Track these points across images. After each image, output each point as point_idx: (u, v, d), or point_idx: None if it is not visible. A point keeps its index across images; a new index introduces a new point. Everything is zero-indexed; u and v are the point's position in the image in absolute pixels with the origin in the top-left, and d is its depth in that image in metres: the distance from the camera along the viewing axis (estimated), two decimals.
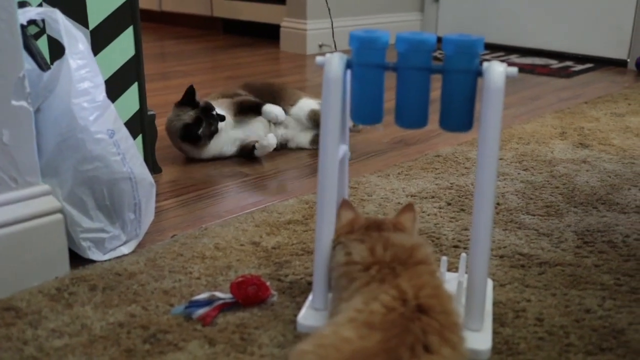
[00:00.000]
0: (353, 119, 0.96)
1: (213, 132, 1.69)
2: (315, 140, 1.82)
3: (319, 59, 0.93)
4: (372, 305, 0.75)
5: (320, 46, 3.38)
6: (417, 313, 0.73)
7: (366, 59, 0.91)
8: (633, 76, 2.99)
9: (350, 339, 0.70)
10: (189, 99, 1.69)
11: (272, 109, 1.77)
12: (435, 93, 0.89)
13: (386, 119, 0.96)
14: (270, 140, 1.72)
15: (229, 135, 1.74)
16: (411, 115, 0.92)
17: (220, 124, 1.70)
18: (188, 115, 1.67)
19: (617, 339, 0.95)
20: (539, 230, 1.31)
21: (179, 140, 1.70)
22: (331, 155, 0.93)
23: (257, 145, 1.71)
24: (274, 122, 1.79)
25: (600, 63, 3.24)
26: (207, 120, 1.68)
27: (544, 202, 1.46)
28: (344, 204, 0.97)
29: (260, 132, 1.77)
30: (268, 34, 3.74)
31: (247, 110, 1.78)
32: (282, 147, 1.83)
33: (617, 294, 1.07)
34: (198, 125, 1.66)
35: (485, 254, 0.92)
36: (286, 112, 1.82)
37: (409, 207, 0.96)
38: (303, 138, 1.84)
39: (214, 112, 1.69)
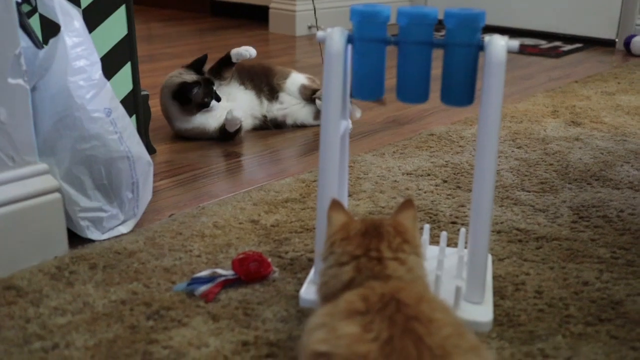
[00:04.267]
0: (354, 94, 0.96)
1: (203, 104, 1.68)
2: (318, 116, 1.82)
3: (320, 34, 0.93)
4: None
5: (310, 27, 3.36)
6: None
7: (367, 33, 0.91)
8: (621, 56, 3.01)
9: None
10: (198, 64, 1.73)
11: (239, 50, 1.74)
12: (435, 72, 0.89)
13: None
14: (234, 113, 1.65)
15: (216, 112, 1.73)
16: (412, 90, 0.92)
17: (214, 103, 1.69)
18: (189, 76, 1.70)
19: (616, 309, 0.96)
20: (535, 206, 1.32)
21: (169, 99, 1.70)
22: (333, 131, 0.93)
23: (225, 119, 1.68)
24: (248, 57, 1.75)
25: (589, 43, 3.25)
26: (204, 90, 1.68)
27: (539, 178, 1.47)
28: (334, 205, 0.82)
29: (245, 106, 1.78)
30: (257, 15, 3.71)
31: (221, 69, 1.76)
32: (280, 125, 1.84)
33: (613, 266, 1.09)
34: (194, 88, 1.67)
35: (485, 228, 0.93)
36: (280, 87, 1.83)
37: (408, 204, 0.83)
38: (305, 114, 1.84)
39: (214, 88, 1.70)
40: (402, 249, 0.77)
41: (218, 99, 1.70)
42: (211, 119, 1.72)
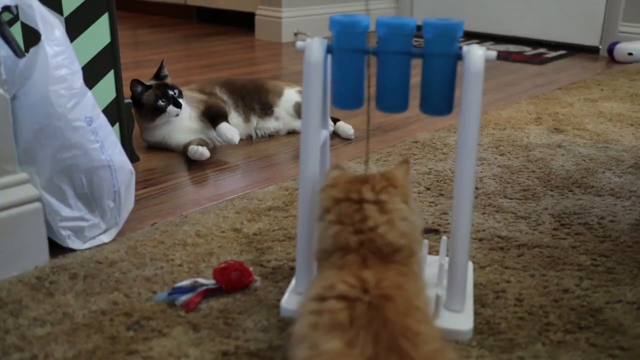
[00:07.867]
0: (334, 104, 0.96)
1: (157, 107, 1.64)
2: None
3: (299, 43, 0.93)
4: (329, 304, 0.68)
5: (296, 34, 3.37)
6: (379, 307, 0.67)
7: (347, 43, 0.91)
8: (605, 62, 3.03)
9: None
10: (158, 71, 1.75)
11: (226, 131, 1.66)
12: (415, 80, 0.89)
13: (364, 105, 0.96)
14: (203, 152, 1.61)
15: (184, 126, 1.70)
16: (392, 99, 0.93)
17: (174, 109, 1.65)
18: (148, 82, 1.69)
19: (595, 317, 0.97)
20: (517, 214, 1.33)
21: (132, 107, 1.65)
22: (313, 140, 0.93)
23: (190, 148, 1.62)
24: (228, 143, 1.68)
25: (573, 50, 3.28)
26: (156, 92, 1.65)
27: (521, 186, 1.47)
28: (334, 166, 0.87)
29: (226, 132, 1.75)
30: (243, 22, 3.72)
31: (210, 118, 1.71)
32: (273, 135, 1.85)
33: (593, 274, 1.09)
34: (138, 86, 1.65)
35: (466, 236, 0.93)
36: (275, 104, 1.84)
37: (404, 162, 0.87)
38: (300, 125, 1.84)
39: (172, 93, 1.66)
40: (386, 191, 0.78)
41: (177, 105, 1.65)
42: (174, 134, 1.69)
